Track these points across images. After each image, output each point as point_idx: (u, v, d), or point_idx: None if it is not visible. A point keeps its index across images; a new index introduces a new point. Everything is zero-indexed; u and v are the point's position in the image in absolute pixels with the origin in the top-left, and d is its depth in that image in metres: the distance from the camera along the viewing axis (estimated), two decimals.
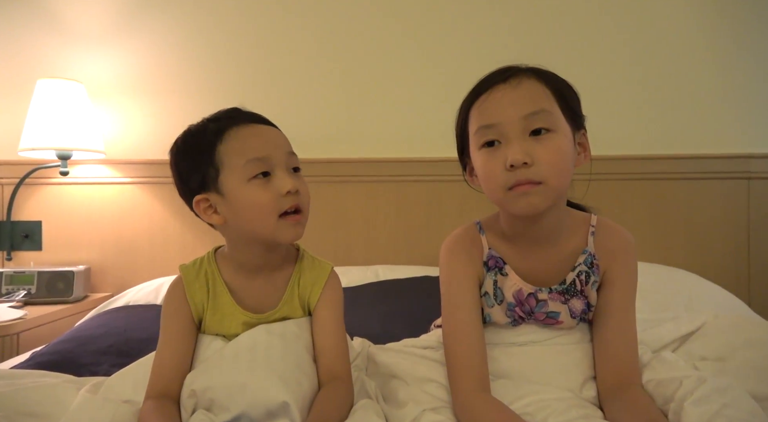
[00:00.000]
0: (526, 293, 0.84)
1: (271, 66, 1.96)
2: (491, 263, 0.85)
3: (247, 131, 0.82)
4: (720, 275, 1.75)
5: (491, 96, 0.77)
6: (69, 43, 1.97)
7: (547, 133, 0.74)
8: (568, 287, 0.84)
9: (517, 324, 0.87)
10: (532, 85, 0.76)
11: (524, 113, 0.74)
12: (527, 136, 0.74)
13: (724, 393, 0.67)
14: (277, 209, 0.80)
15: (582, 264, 0.83)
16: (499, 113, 0.75)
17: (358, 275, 1.68)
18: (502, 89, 0.76)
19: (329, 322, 0.87)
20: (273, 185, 0.80)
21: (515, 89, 0.75)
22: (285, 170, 0.82)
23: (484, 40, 1.92)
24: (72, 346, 1.17)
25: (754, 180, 1.83)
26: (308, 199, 0.85)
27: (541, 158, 0.73)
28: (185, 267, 0.89)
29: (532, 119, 0.74)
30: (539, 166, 0.73)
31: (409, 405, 0.77)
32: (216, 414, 0.74)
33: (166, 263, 1.90)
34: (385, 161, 1.91)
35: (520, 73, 0.77)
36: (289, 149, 0.84)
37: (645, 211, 1.85)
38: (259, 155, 0.80)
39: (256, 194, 0.80)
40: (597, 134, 1.86)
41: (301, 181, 0.84)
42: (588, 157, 0.81)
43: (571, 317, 0.85)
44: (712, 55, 1.88)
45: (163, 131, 1.97)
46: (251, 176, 0.80)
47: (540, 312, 0.85)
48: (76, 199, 1.95)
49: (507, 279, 0.84)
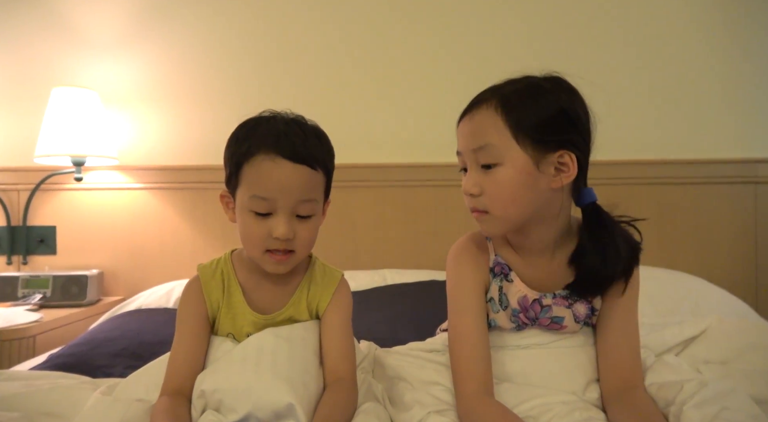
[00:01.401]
0: (531, 299, 0.85)
1: (283, 73, 1.99)
2: (497, 270, 0.87)
3: (268, 166, 0.80)
4: (727, 279, 1.74)
5: (458, 128, 0.83)
6: (83, 51, 2.01)
7: (493, 167, 0.77)
8: (571, 292, 0.85)
9: (521, 329, 0.88)
10: (484, 119, 0.78)
11: (472, 147, 0.79)
12: (480, 167, 0.79)
13: (725, 396, 0.68)
14: (264, 246, 0.82)
15: None
16: (460, 144, 0.82)
17: (365, 279, 1.70)
18: (463, 122, 0.82)
19: (336, 325, 0.88)
20: (267, 224, 0.81)
21: (469, 123, 0.80)
22: (287, 215, 0.81)
23: (494, 46, 1.94)
24: (87, 349, 1.19)
25: (762, 184, 1.83)
26: (308, 242, 0.84)
27: (488, 189, 0.78)
28: (203, 267, 0.91)
29: (478, 153, 0.78)
30: (484, 197, 0.78)
31: (414, 407, 0.79)
32: (224, 415, 0.76)
33: (177, 267, 1.93)
34: (394, 167, 1.93)
35: (480, 104, 0.79)
36: (304, 197, 0.82)
37: (653, 215, 1.85)
38: (264, 195, 0.80)
39: (250, 225, 0.82)
40: (606, 139, 1.87)
41: (306, 226, 0.83)
42: (570, 175, 0.78)
43: (575, 321, 0.86)
44: (720, 61, 1.89)
45: (175, 137, 2.01)
46: (251, 209, 0.82)
47: (544, 318, 0.86)
48: (90, 204, 1.99)
49: (512, 286, 0.86)
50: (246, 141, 0.83)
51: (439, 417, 0.76)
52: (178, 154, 2.00)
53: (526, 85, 0.80)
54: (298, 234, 0.82)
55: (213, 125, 1.98)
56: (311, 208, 0.83)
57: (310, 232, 0.84)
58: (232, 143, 0.85)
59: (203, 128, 1.99)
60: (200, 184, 1.95)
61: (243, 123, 0.86)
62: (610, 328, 0.84)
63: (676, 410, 0.70)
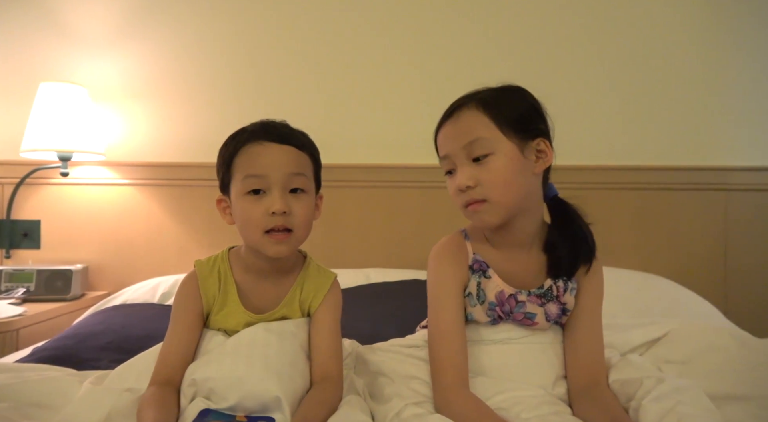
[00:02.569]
0: (507, 294, 0.90)
1: (271, 73, 2.02)
2: (476, 267, 0.91)
3: (256, 149, 0.87)
4: (698, 282, 1.81)
5: (441, 132, 0.89)
6: (72, 47, 2.02)
7: (486, 157, 0.83)
8: (545, 292, 0.90)
9: (495, 323, 0.93)
10: (469, 117, 0.86)
11: (463, 143, 0.84)
12: (471, 162, 0.84)
13: (680, 391, 0.73)
14: (263, 226, 0.85)
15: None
16: (446, 145, 0.87)
17: (350, 278, 1.73)
18: (446, 125, 0.88)
19: (327, 324, 0.92)
20: (263, 203, 0.85)
21: (455, 124, 0.87)
22: (280, 190, 0.85)
23: (477, 49, 1.98)
24: (73, 342, 1.21)
25: (732, 192, 1.90)
26: (304, 219, 0.87)
27: (483, 179, 0.83)
28: (200, 263, 0.94)
29: (470, 147, 0.84)
30: (482, 187, 0.83)
31: (393, 399, 0.83)
32: (215, 402, 0.79)
33: (163, 263, 1.94)
34: (379, 167, 1.97)
35: (461, 107, 0.87)
36: (293, 170, 0.87)
37: (629, 220, 1.92)
38: (256, 173, 0.85)
39: (247, 208, 0.86)
40: (584, 144, 1.94)
41: (300, 202, 0.87)
42: (549, 160, 0.88)
43: (546, 320, 0.91)
44: (696, 73, 1.96)
45: (163, 134, 2.02)
46: (246, 190, 0.86)
47: (519, 313, 0.91)
48: (76, 199, 1.99)
49: (490, 281, 0.90)
50: (233, 141, 0.89)
51: (416, 408, 0.80)
52: (165, 151, 2.01)
53: (495, 89, 0.89)
54: (293, 210, 0.86)
55: (201, 122, 1.99)
56: (303, 182, 0.88)
57: (305, 209, 0.88)
58: (221, 150, 0.91)
59: (191, 126, 2.00)
60: (187, 181, 1.96)
61: (229, 136, 0.92)
62: (579, 328, 0.89)
63: (635, 404, 0.75)
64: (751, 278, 1.89)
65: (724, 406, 0.78)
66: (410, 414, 0.78)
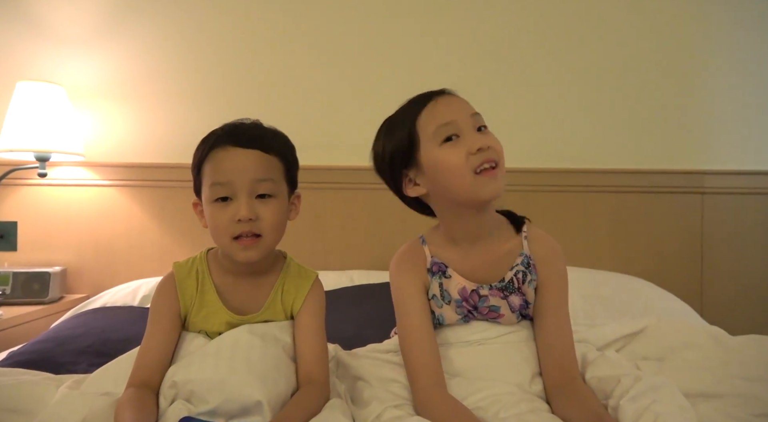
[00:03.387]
0: (469, 290, 0.92)
1: (252, 74, 2.01)
2: (435, 269, 0.93)
3: (221, 155, 0.86)
4: (675, 284, 1.85)
5: (441, 101, 0.89)
6: (50, 46, 1.98)
7: (487, 129, 0.89)
8: (506, 285, 0.92)
9: (467, 320, 0.94)
10: (462, 99, 0.92)
11: (470, 112, 0.88)
12: (476, 130, 0.87)
13: (656, 390, 0.75)
14: (230, 232, 0.85)
15: (519, 265, 0.92)
16: (453, 112, 0.87)
17: (333, 280, 1.73)
18: (445, 98, 0.90)
19: (310, 328, 0.91)
20: (229, 210, 0.85)
21: (456, 98, 0.90)
22: (246, 196, 0.85)
23: (457, 52, 2.00)
24: (50, 346, 1.19)
25: (708, 195, 1.95)
26: (273, 224, 0.86)
27: (492, 144, 0.86)
28: (179, 265, 0.94)
29: (476, 118, 0.88)
30: (493, 150, 0.86)
31: (373, 403, 0.83)
32: (195, 405, 0.78)
33: (143, 265, 1.92)
34: (363, 169, 1.96)
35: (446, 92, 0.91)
36: (259, 176, 0.85)
37: (607, 222, 1.95)
38: (221, 180, 0.85)
39: (215, 215, 0.86)
40: (563, 148, 1.97)
41: (268, 207, 0.86)
42: None
43: (510, 311, 0.93)
44: (673, 78, 2.00)
45: (143, 134, 1.99)
46: (213, 198, 0.86)
47: (483, 307, 0.93)
48: (54, 200, 1.96)
49: (451, 281, 0.92)
50: (202, 145, 0.89)
51: (395, 410, 0.81)
52: (146, 151, 1.99)
53: None
54: (261, 216, 0.85)
55: (182, 122, 1.97)
56: (270, 187, 0.87)
57: (274, 213, 0.87)
58: (194, 154, 0.90)
59: (172, 126, 1.98)
60: (169, 182, 1.94)
61: (205, 135, 0.92)
62: (546, 325, 0.91)
63: (614, 403, 0.77)
64: (726, 280, 1.94)
65: (698, 404, 0.80)
66: (390, 417, 0.79)
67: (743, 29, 1.99)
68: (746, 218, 1.95)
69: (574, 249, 1.89)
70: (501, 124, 0.96)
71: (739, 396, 0.81)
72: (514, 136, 1.78)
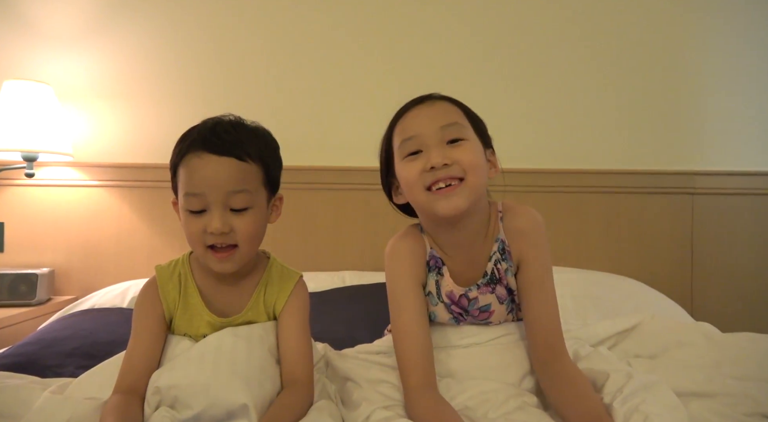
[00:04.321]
0: (457, 294, 0.91)
1: (241, 73, 1.99)
2: (432, 263, 0.92)
3: (196, 163, 0.82)
4: (665, 284, 1.86)
5: (410, 114, 0.88)
6: (38, 44, 1.96)
7: (461, 141, 0.84)
8: (490, 278, 0.91)
9: (458, 322, 0.93)
10: (444, 105, 0.89)
11: (440, 124, 0.84)
12: (445, 144, 0.84)
13: (647, 389, 0.74)
14: (203, 242, 0.84)
15: (496, 252, 0.90)
16: (418, 126, 0.86)
17: (325, 281, 1.72)
18: (419, 108, 0.88)
19: (294, 328, 0.90)
20: (203, 220, 0.83)
21: (431, 108, 0.87)
22: (220, 209, 0.82)
23: (450, 53, 2.00)
24: (37, 348, 1.17)
25: (698, 195, 1.96)
26: (248, 235, 0.84)
27: (459, 158, 0.83)
28: (161, 268, 0.92)
29: (448, 130, 0.84)
30: (458, 165, 0.83)
31: (362, 405, 0.82)
32: (179, 411, 0.76)
33: (133, 267, 1.90)
34: (355, 170, 1.96)
35: (433, 98, 0.90)
36: (233, 188, 0.82)
37: (598, 222, 1.96)
38: (194, 191, 0.82)
39: (188, 223, 0.84)
40: (555, 149, 1.97)
41: (243, 219, 0.83)
42: (497, 171, 0.91)
43: (499, 303, 0.92)
44: (664, 80, 2.01)
45: (133, 134, 1.98)
46: (186, 208, 0.84)
47: (474, 309, 0.92)
48: (42, 201, 1.93)
49: (444, 279, 0.91)
50: (180, 146, 0.86)
51: (384, 412, 0.79)
52: (136, 151, 1.97)
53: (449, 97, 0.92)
54: (236, 228, 0.83)
55: (173, 122, 1.96)
56: (245, 200, 0.83)
57: (249, 225, 0.84)
58: (173, 151, 0.88)
59: (163, 126, 1.97)
60: (159, 182, 1.92)
61: (184, 132, 0.89)
62: (530, 301, 0.88)
63: (606, 400, 0.76)
64: (716, 280, 1.95)
65: (690, 403, 0.80)
66: (379, 418, 0.78)
67: (733, 31, 2.01)
68: (736, 219, 1.96)
69: (566, 249, 1.90)
70: (493, 125, 0.95)
71: (732, 396, 0.81)
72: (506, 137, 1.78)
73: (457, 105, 0.90)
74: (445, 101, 0.89)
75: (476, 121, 0.90)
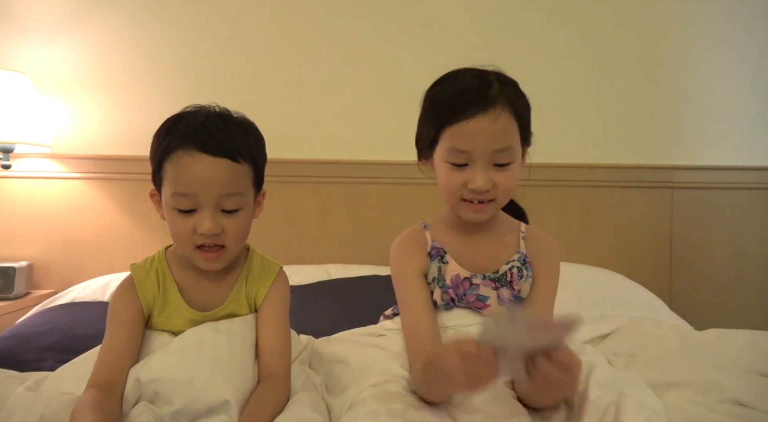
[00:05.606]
0: (462, 277, 0.93)
1: (225, 65, 1.97)
2: (434, 253, 0.95)
3: (186, 161, 0.79)
4: (645, 276, 1.89)
5: (470, 125, 0.84)
6: (14, 33, 1.91)
7: (507, 165, 0.86)
8: (500, 277, 0.94)
9: (449, 308, 0.95)
10: (506, 123, 0.85)
11: (495, 148, 0.85)
12: (492, 166, 0.86)
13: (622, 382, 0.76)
14: (192, 242, 0.82)
15: (516, 261, 0.95)
16: (473, 142, 0.84)
17: (310, 274, 1.72)
18: (482, 120, 0.83)
19: (273, 320, 0.90)
20: (192, 220, 0.81)
21: (493, 124, 0.83)
22: (211, 210, 0.80)
23: (437, 46, 2.00)
24: (14, 343, 1.15)
25: (677, 190, 2.00)
26: (238, 236, 0.84)
27: (500, 184, 0.87)
28: (136, 267, 0.90)
29: (501, 154, 0.85)
30: (496, 190, 0.87)
31: (350, 388, 0.82)
32: (159, 407, 0.76)
33: (114, 260, 1.87)
34: (340, 163, 1.96)
35: (496, 104, 0.84)
36: (226, 191, 0.81)
37: (582, 216, 1.99)
38: (185, 191, 0.80)
39: (176, 222, 0.82)
40: (538, 143, 1.98)
41: (233, 220, 0.82)
42: (524, 164, 0.94)
43: (498, 301, 0.95)
44: (644, 74, 2.04)
45: (114, 126, 1.94)
46: (174, 207, 0.81)
47: (471, 295, 0.94)
48: (19, 194, 1.89)
49: (447, 266, 0.94)
50: (166, 137, 0.82)
51: (372, 389, 0.79)
52: (117, 143, 1.94)
53: (514, 86, 0.90)
54: (226, 229, 0.82)
55: (155, 113, 1.88)
56: (237, 202, 0.83)
57: (239, 226, 0.84)
58: (154, 139, 0.84)
59: (144, 117, 1.94)
60: (141, 175, 1.89)
61: (166, 119, 0.85)
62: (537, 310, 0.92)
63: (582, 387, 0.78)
64: (694, 272, 1.99)
65: (666, 393, 0.83)
66: (365, 396, 0.78)
67: (717, 26, 2.04)
68: (714, 213, 2.00)
69: None
70: None
71: (704, 384, 0.84)
72: None
73: (517, 114, 0.86)
74: (507, 112, 0.85)
75: (527, 125, 0.90)
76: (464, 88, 0.86)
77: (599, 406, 0.71)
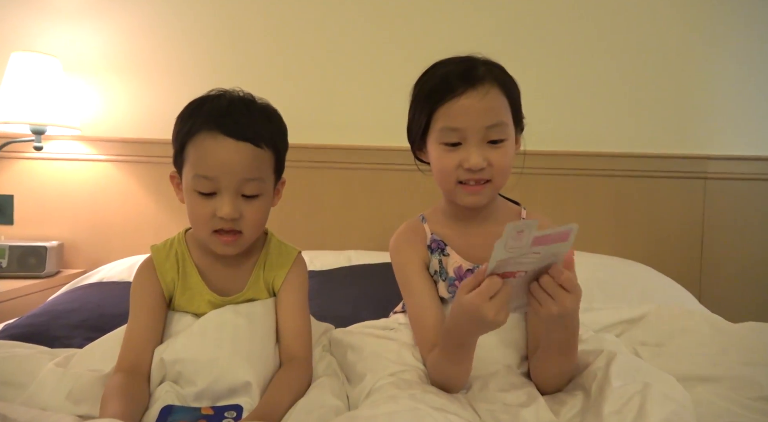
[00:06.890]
0: (465, 269, 0.92)
1: (252, 50, 1.97)
2: (434, 246, 0.94)
3: (209, 144, 0.80)
4: (674, 268, 1.84)
5: (460, 102, 0.84)
6: (45, 16, 1.94)
7: (501, 142, 0.85)
8: None
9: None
10: (496, 99, 0.85)
11: (486, 124, 0.84)
12: (485, 143, 0.84)
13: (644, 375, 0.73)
14: (210, 226, 0.82)
15: None
16: (464, 120, 0.84)
17: (331, 260, 1.72)
18: (469, 98, 0.84)
19: (292, 305, 0.90)
20: (212, 204, 0.81)
21: (482, 100, 0.84)
22: (231, 194, 0.80)
23: (460, 31, 1.96)
24: (45, 319, 1.19)
25: (710, 180, 1.93)
26: (256, 222, 0.84)
27: (495, 161, 0.85)
28: (156, 248, 0.91)
29: (493, 130, 0.84)
30: (491, 169, 0.85)
31: (367, 376, 0.82)
32: (182, 387, 0.77)
33: (140, 241, 1.91)
34: (362, 149, 1.95)
35: (484, 82, 0.84)
36: (247, 176, 0.81)
37: (609, 206, 1.94)
38: (206, 174, 0.80)
39: (195, 206, 0.82)
40: (565, 131, 1.94)
41: (252, 206, 0.82)
42: (518, 149, 0.93)
43: None
44: (677, 63, 1.96)
45: (141, 109, 1.97)
46: (195, 189, 0.81)
47: None
48: (50, 175, 1.94)
49: (449, 258, 0.93)
50: (189, 120, 0.83)
51: (389, 378, 0.79)
52: (145, 126, 1.96)
53: (501, 68, 0.89)
54: (244, 215, 0.82)
55: (182, 98, 1.89)
56: (257, 187, 0.83)
57: (258, 213, 0.83)
58: (177, 122, 0.85)
59: (172, 100, 1.94)
60: (167, 158, 1.89)
61: (190, 102, 0.86)
62: None
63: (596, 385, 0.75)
64: (726, 266, 1.93)
65: (695, 387, 0.79)
66: (383, 384, 0.78)
67: (747, 15, 1.94)
68: (748, 204, 1.93)
69: None
70: None
71: (737, 380, 0.81)
72: None
73: (506, 92, 0.86)
74: (496, 89, 0.85)
75: (517, 106, 0.89)
76: (450, 71, 0.87)
77: (622, 395, 0.69)
